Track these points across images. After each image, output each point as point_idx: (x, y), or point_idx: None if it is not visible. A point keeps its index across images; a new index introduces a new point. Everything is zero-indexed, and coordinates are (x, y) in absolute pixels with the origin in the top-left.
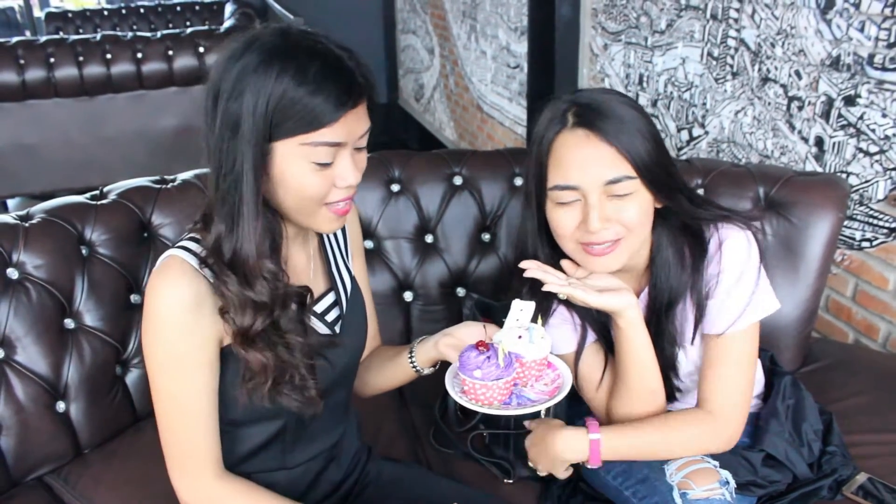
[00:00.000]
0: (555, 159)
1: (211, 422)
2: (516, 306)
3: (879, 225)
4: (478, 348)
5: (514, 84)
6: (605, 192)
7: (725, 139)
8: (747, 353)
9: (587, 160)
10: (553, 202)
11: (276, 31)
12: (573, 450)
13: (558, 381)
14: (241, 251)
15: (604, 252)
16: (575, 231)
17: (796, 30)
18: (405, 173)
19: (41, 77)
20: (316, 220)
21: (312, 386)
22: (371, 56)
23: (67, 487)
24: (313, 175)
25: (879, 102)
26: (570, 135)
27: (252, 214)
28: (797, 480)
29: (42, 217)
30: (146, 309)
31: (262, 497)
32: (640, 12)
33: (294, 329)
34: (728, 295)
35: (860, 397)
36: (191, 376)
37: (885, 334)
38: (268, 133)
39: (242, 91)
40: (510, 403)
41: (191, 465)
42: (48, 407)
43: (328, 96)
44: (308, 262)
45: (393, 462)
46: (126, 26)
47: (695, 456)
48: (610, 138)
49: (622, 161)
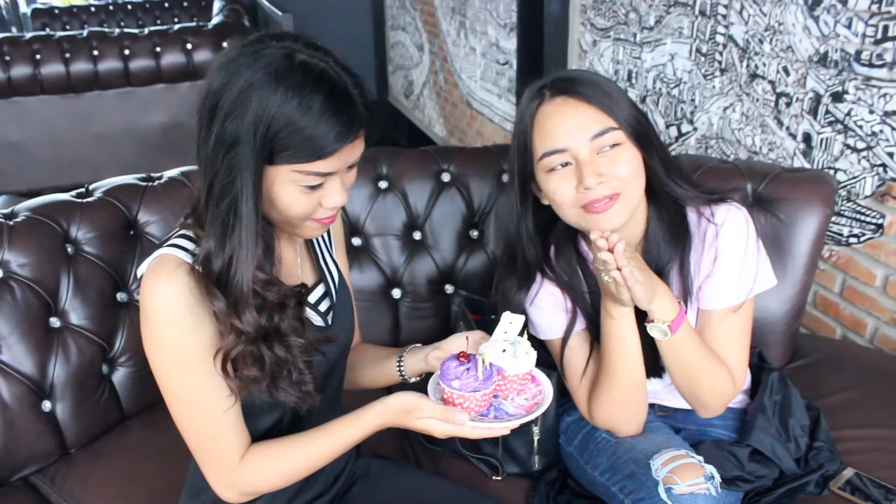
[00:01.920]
0: (538, 130)
1: (235, 410)
2: (505, 319)
3: (867, 221)
4: (459, 359)
5: (503, 80)
6: (594, 147)
7: (714, 135)
8: (746, 323)
9: (569, 121)
10: (544, 172)
11: (284, 49)
12: (666, 306)
13: (539, 396)
14: (234, 276)
15: (605, 208)
16: (573, 195)
17: (784, 26)
18: (393, 170)
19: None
20: (299, 230)
21: (310, 380)
22: (360, 52)
23: (53, 487)
24: (301, 196)
25: (866, 99)
26: (549, 104)
27: (252, 240)
28: (784, 476)
29: (27, 215)
30: (144, 313)
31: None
32: (628, 8)
33: (294, 330)
34: (731, 271)
35: (847, 393)
36: (208, 370)
37: (872, 330)
38: (266, 158)
39: (244, 112)
40: (487, 415)
41: (223, 462)
42: (33, 406)
43: (330, 130)
44: (295, 257)
45: (381, 459)
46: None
47: (679, 450)
48: (588, 98)
49: (603, 115)
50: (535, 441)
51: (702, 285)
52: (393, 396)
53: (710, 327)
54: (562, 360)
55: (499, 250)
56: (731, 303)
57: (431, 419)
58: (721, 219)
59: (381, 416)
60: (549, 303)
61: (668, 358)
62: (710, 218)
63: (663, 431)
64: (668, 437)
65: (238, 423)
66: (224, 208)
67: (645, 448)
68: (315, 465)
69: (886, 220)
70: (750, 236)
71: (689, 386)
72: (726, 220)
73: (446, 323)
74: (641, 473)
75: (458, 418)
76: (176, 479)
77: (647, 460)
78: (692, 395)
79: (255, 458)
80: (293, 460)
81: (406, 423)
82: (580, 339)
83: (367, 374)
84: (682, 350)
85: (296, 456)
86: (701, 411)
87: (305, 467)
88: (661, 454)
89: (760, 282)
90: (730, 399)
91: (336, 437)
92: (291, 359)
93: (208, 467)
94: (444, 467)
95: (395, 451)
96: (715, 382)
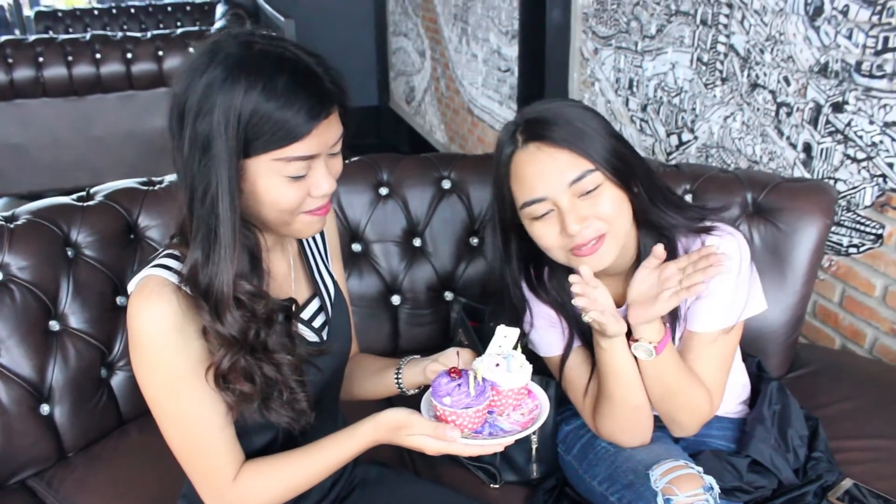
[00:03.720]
0: (516, 179)
1: (228, 429)
2: (500, 332)
3: (866, 231)
4: (450, 375)
5: (504, 87)
6: (573, 192)
7: (714, 144)
8: (732, 347)
9: (545, 170)
10: (528, 219)
11: (240, 41)
12: (652, 327)
13: (535, 411)
14: (215, 281)
15: (593, 250)
16: (559, 239)
17: (785, 36)
18: (393, 176)
19: (30, 76)
20: (294, 228)
21: (303, 399)
22: (362, 58)
23: (51, 491)
24: (287, 187)
25: (867, 109)
26: (523, 152)
27: (230, 239)
28: (782, 486)
29: (28, 218)
30: (132, 335)
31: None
32: (630, 17)
33: (282, 347)
34: (722, 296)
35: (846, 403)
36: (199, 391)
37: (871, 340)
38: (241, 151)
39: (211, 109)
40: (482, 432)
41: (216, 481)
42: (32, 410)
43: (299, 109)
44: (289, 271)
45: (379, 466)
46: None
47: (678, 461)
48: (560, 143)
49: (578, 159)
50: (534, 449)
51: (691, 307)
52: (384, 413)
53: (695, 350)
54: (561, 377)
55: None
56: (718, 327)
57: (423, 436)
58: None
59: (373, 433)
60: (546, 322)
61: (649, 378)
62: (703, 243)
63: (663, 441)
64: (668, 448)
65: (231, 442)
66: (206, 213)
67: (644, 458)
68: (309, 482)
69: (886, 231)
70: (743, 262)
71: (667, 406)
72: (720, 247)
73: (445, 330)
74: (640, 483)
75: (449, 435)
76: (173, 485)
77: (646, 470)
78: (668, 416)
79: (248, 476)
80: (286, 478)
81: (398, 440)
82: (579, 357)
83: (364, 386)
84: (664, 371)
85: (289, 474)
86: (675, 430)
87: (299, 484)
88: (660, 464)
89: (750, 307)
90: (706, 420)
91: (328, 454)
92: (282, 378)
93: (202, 486)
94: (442, 474)
95: (393, 458)
96: (693, 404)
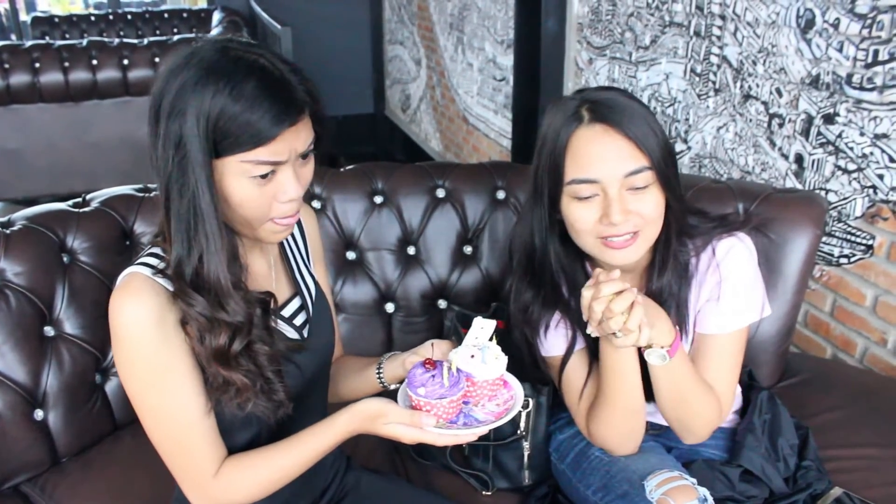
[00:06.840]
0: (573, 154)
1: (209, 422)
2: (477, 324)
3: (857, 241)
4: (425, 366)
5: (499, 97)
6: (624, 184)
7: (707, 155)
8: (741, 351)
9: (606, 153)
10: (570, 197)
11: (217, 46)
12: (665, 331)
13: (511, 401)
14: (209, 272)
15: (624, 245)
16: (595, 225)
17: (777, 48)
18: (388, 185)
19: (26, 82)
20: (261, 233)
21: (280, 389)
22: (358, 66)
23: (44, 497)
24: (254, 190)
25: (857, 121)
26: (588, 130)
27: (216, 233)
28: (773, 495)
29: (23, 224)
30: (114, 332)
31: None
32: (624, 28)
33: (259, 337)
34: (733, 298)
35: (836, 412)
36: (179, 386)
37: (862, 350)
38: (212, 151)
39: (184, 110)
40: (456, 422)
41: (198, 476)
42: (26, 415)
43: (265, 113)
44: (269, 270)
45: (371, 473)
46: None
47: (673, 472)
48: (627, 131)
49: (639, 153)
50: (526, 456)
51: (702, 309)
52: (361, 403)
53: (706, 353)
54: (560, 378)
55: (493, 266)
56: (729, 329)
57: (398, 424)
58: (724, 250)
59: (350, 423)
60: (551, 322)
61: (661, 383)
62: (714, 249)
63: (657, 451)
64: (662, 458)
65: (212, 436)
66: (185, 209)
67: (639, 468)
68: (290, 475)
69: (876, 241)
70: (753, 266)
71: (679, 412)
72: (730, 251)
73: (439, 338)
74: (635, 494)
75: (424, 422)
76: (166, 491)
77: (640, 480)
78: (679, 422)
79: (229, 470)
80: (267, 471)
81: (374, 429)
82: (579, 359)
83: (349, 385)
84: (678, 376)
85: (269, 466)
86: (686, 437)
87: (280, 477)
88: (655, 475)
89: (759, 311)
90: (716, 426)
91: (307, 446)
92: (257, 369)
93: (184, 480)
94: (434, 481)
95: (385, 465)
96: (704, 410)
